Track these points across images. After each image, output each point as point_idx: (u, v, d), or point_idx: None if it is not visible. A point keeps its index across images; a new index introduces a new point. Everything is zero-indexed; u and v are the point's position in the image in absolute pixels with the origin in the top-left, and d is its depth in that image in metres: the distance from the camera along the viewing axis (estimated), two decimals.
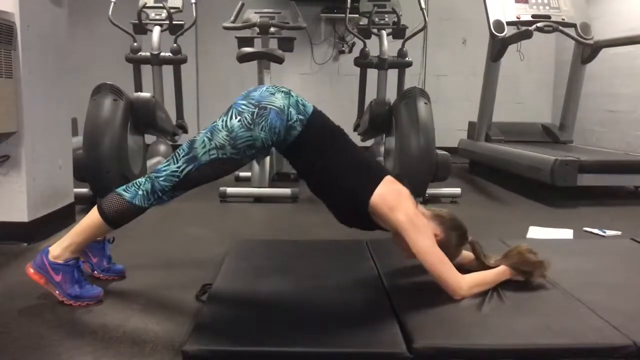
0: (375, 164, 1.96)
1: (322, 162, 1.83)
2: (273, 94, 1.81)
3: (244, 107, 1.78)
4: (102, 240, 2.11)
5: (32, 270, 1.84)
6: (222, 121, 1.78)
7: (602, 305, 1.71)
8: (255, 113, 1.76)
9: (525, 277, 1.89)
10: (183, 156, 1.79)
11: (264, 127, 1.75)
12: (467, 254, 1.98)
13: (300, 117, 1.80)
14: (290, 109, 1.79)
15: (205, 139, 1.77)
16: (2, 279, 2.17)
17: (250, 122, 1.75)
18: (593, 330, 1.56)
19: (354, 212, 1.85)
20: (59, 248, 1.85)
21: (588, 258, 2.31)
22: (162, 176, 1.79)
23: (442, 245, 1.80)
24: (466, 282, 1.76)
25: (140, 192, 1.80)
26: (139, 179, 1.83)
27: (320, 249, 2.43)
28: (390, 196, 1.78)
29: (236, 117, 1.76)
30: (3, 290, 2.04)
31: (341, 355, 1.46)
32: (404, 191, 1.83)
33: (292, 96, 1.84)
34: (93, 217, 1.83)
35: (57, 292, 1.84)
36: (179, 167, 1.78)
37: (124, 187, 1.84)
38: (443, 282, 1.75)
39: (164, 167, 1.81)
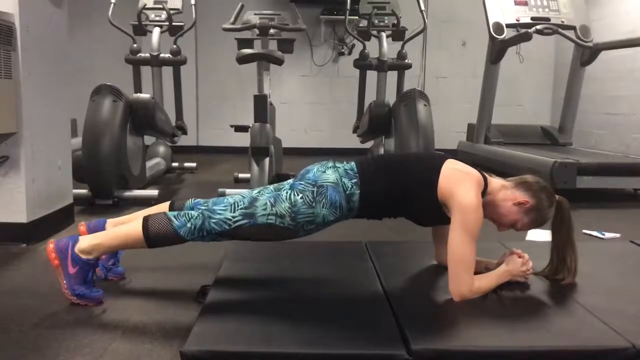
0: (430, 157, 2.00)
1: (388, 189, 1.86)
2: (324, 171, 1.86)
3: (303, 186, 1.83)
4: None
5: (52, 247, 1.83)
6: (286, 193, 1.82)
7: (601, 308, 1.71)
8: (315, 192, 1.81)
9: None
10: (241, 208, 1.80)
11: (325, 204, 1.80)
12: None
13: (353, 181, 1.84)
14: (343, 180, 1.84)
15: (269, 203, 1.80)
16: (2, 279, 2.17)
17: (311, 200, 1.80)
18: (592, 333, 1.56)
19: (430, 205, 1.85)
20: (88, 243, 1.84)
21: (587, 260, 2.31)
22: (215, 219, 1.80)
23: (535, 210, 1.83)
24: (470, 287, 1.75)
25: (189, 225, 1.80)
26: (192, 212, 1.83)
27: (319, 251, 2.42)
28: (453, 179, 1.80)
29: (298, 195, 1.80)
30: (2, 291, 2.03)
31: (340, 357, 1.46)
32: (468, 174, 1.83)
33: (339, 167, 1.89)
34: (135, 229, 1.83)
35: (64, 282, 1.83)
36: (233, 217, 1.80)
37: (175, 213, 1.84)
38: (455, 280, 1.74)
39: (220, 209, 1.81)
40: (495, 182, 1.89)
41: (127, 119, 3.81)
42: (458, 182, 1.79)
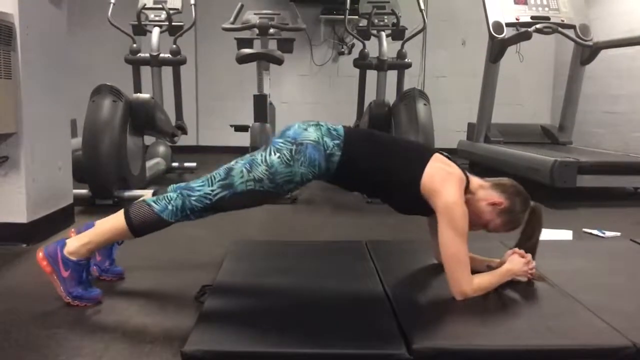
0: (419, 147, 2.02)
1: (371, 166, 1.86)
2: (305, 129, 1.85)
3: (281, 144, 1.82)
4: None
5: (41, 255, 1.83)
6: (261, 156, 1.81)
7: (602, 307, 1.71)
8: (294, 150, 1.80)
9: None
10: (219, 181, 1.80)
11: (303, 162, 1.79)
12: (476, 258, 1.99)
13: (336, 142, 1.83)
14: (325, 139, 1.83)
15: (244, 169, 1.80)
16: (2, 280, 2.17)
17: (289, 158, 1.79)
18: (593, 332, 1.56)
19: (411, 198, 1.86)
20: (76, 244, 1.83)
21: (587, 259, 2.31)
22: (194, 196, 1.80)
23: (507, 212, 1.84)
24: (471, 285, 1.76)
25: (170, 207, 1.79)
26: (170, 194, 1.83)
27: (319, 250, 2.43)
28: (437, 178, 1.81)
29: (275, 154, 1.80)
30: (2, 291, 2.03)
31: (340, 356, 1.46)
32: (452, 174, 1.83)
33: (323, 126, 1.88)
34: (117, 221, 1.83)
35: (60, 286, 1.83)
36: (212, 191, 1.79)
37: (154, 198, 1.83)
38: (453, 280, 1.75)
39: (198, 186, 1.81)
40: (474, 181, 1.90)
41: (127, 119, 3.81)
42: (442, 181, 1.80)
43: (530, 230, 1.94)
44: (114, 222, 1.84)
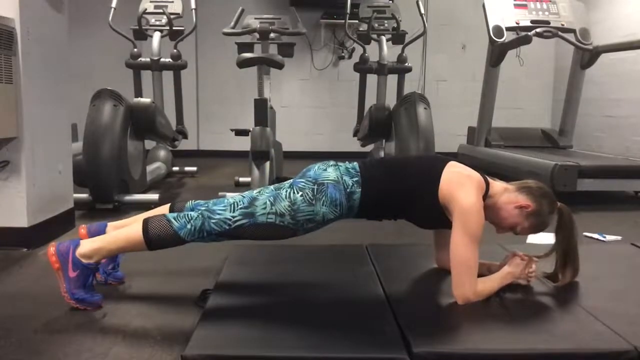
0: (432, 159, 1.99)
1: (389, 192, 1.87)
2: (325, 169, 1.87)
3: (303, 184, 1.83)
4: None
5: (52, 250, 1.83)
6: (286, 192, 1.82)
7: (603, 310, 1.71)
8: (316, 189, 1.81)
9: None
10: (241, 208, 1.80)
11: (325, 201, 1.80)
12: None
13: (355, 179, 1.85)
14: (344, 178, 1.84)
15: (268, 202, 1.80)
16: (2, 284, 2.17)
17: (311, 197, 1.80)
18: (594, 335, 1.56)
19: (431, 208, 1.85)
20: (89, 247, 1.84)
21: (588, 263, 2.30)
22: (215, 219, 1.80)
23: (535, 214, 1.83)
24: (475, 291, 1.75)
25: (189, 226, 1.80)
26: (191, 213, 1.83)
27: (319, 254, 2.42)
28: (455, 183, 1.80)
29: (298, 192, 1.81)
30: (3, 295, 2.03)
31: None
32: (469, 177, 1.83)
33: (341, 166, 1.90)
34: (135, 232, 1.83)
35: (64, 285, 1.83)
36: (233, 217, 1.80)
37: (174, 214, 1.84)
38: (458, 283, 1.74)
39: (220, 210, 1.81)
40: (497, 185, 1.90)
41: (128, 123, 3.82)
42: (459, 185, 1.79)
43: (566, 232, 1.91)
44: (131, 231, 1.84)
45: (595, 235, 3.07)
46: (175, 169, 5.34)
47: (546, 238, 2.97)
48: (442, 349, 1.47)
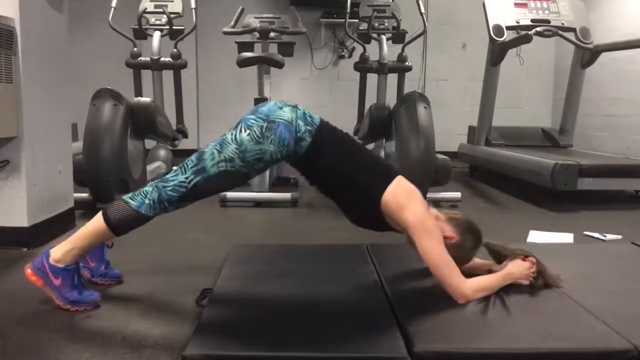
0: (386, 165, 1.98)
1: (334, 167, 1.85)
2: (281, 108, 1.84)
3: (252, 121, 1.80)
4: (101, 245, 2.11)
5: (29, 271, 1.84)
6: (232, 134, 1.80)
7: (604, 310, 1.71)
8: (264, 127, 1.78)
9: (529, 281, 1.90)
10: (191, 167, 1.79)
11: (273, 140, 1.77)
12: (477, 262, 1.99)
13: (309, 127, 1.82)
14: (298, 121, 1.82)
15: (215, 151, 1.78)
16: (2, 284, 2.17)
17: (259, 135, 1.77)
18: (594, 335, 1.56)
19: (367, 211, 1.86)
20: (60, 252, 1.84)
21: (589, 262, 2.31)
22: (169, 186, 1.79)
23: (457, 247, 1.83)
24: (471, 286, 1.76)
25: (146, 201, 1.79)
26: (146, 188, 1.83)
27: (320, 253, 2.42)
28: (401, 195, 1.80)
29: (245, 131, 1.78)
30: (3, 295, 2.03)
31: (341, 359, 1.46)
32: (416, 192, 1.84)
33: (299, 109, 1.87)
34: (97, 223, 1.83)
35: (55, 296, 1.84)
36: (187, 178, 1.79)
37: (130, 195, 1.83)
38: (447, 285, 1.75)
39: (172, 177, 1.81)
40: (432, 211, 1.89)
41: (128, 122, 3.82)
42: (408, 197, 1.80)
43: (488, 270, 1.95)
44: (95, 224, 1.84)
45: (596, 235, 3.07)
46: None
47: (547, 237, 2.99)
48: (442, 348, 1.47)
